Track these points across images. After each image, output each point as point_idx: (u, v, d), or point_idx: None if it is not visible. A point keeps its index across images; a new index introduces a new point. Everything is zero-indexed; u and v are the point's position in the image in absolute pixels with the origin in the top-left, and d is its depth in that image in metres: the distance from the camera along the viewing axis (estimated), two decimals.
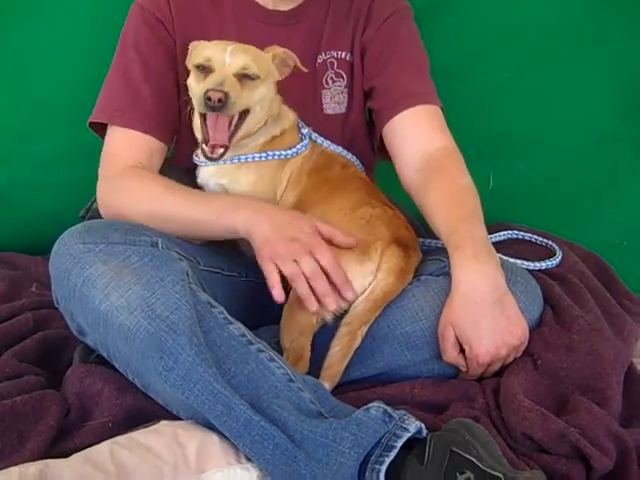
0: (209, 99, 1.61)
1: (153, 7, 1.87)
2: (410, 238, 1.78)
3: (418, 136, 1.85)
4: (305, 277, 1.57)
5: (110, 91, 1.88)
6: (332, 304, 1.59)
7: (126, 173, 1.79)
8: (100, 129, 1.88)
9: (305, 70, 1.78)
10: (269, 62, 1.74)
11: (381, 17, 1.92)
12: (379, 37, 1.92)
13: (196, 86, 1.69)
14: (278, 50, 1.76)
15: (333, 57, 1.94)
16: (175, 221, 1.69)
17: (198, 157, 1.80)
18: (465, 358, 1.62)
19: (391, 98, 1.88)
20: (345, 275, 1.62)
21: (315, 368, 1.62)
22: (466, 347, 1.60)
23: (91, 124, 1.88)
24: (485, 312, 1.58)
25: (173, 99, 1.88)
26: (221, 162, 1.75)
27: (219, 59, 1.67)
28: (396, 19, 1.94)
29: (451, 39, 2.21)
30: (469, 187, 1.76)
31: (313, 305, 1.58)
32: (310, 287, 1.57)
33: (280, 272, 1.58)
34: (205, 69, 1.68)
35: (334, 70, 1.94)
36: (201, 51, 1.71)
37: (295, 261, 1.57)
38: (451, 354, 1.62)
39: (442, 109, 1.90)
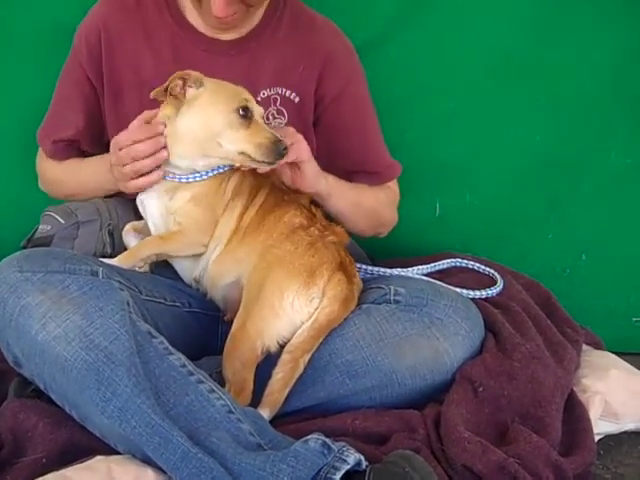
0: (285, 148, 1.65)
1: (83, 40, 1.91)
2: (350, 263, 1.77)
3: None
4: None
5: (46, 117, 2.00)
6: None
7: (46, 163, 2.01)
8: None
9: None
10: None
11: (340, 76, 1.95)
12: (344, 100, 1.96)
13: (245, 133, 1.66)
14: None
15: (278, 94, 1.94)
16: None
17: None
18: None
19: (353, 168, 1.98)
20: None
21: (258, 399, 1.60)
22: None
23: None
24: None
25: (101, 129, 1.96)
26: (168, 178, 1.73)
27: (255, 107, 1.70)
28: (356, 80, 1.99)
29: (394, 72, 2.23)
30: (385, 205, 1.96)
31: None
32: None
33: None
34: (246, 116, 1.66)
35: (276, 107, 1.94)
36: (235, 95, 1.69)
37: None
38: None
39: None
